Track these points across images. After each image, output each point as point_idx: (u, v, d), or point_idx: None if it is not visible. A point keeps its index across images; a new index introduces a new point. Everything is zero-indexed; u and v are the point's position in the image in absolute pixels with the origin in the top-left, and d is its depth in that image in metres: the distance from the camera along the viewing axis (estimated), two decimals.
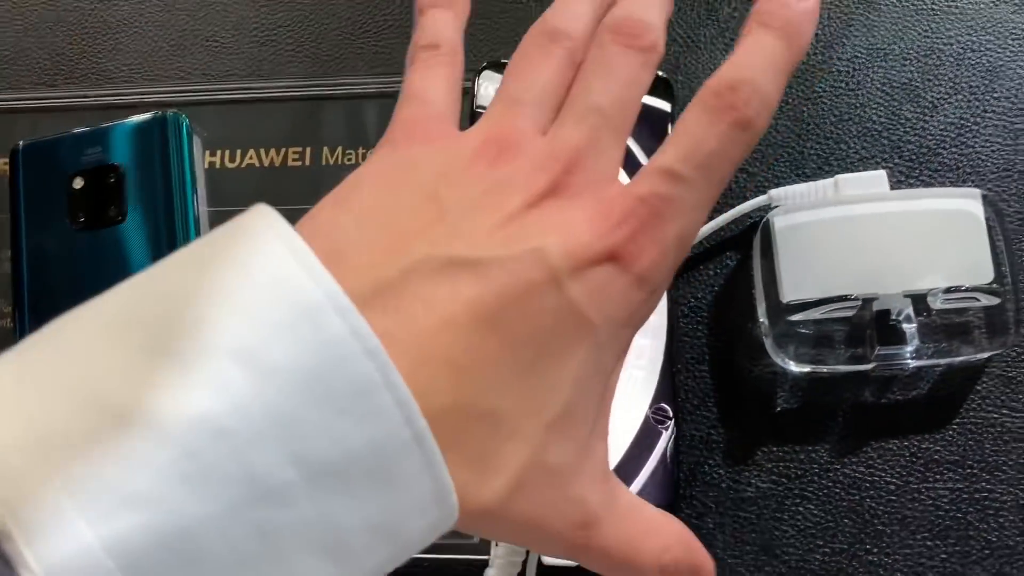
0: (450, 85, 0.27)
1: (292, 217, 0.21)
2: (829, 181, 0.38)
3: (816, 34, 0.41)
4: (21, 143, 0.41)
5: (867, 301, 0.36)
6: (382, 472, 0.19)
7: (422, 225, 0.23)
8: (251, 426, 0.18)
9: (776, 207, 0.38)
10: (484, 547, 0.36)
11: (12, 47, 0.45)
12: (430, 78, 0.27)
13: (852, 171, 0.39)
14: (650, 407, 0.36)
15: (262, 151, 0.42)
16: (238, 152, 0.42)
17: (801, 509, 0.37)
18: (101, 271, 0.39)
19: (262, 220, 0.20)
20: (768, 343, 0.38)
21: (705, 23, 0.42)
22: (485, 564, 0.35)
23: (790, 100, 0.41)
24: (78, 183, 0.40)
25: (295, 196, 0.40)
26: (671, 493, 0.36)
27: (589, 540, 0.24)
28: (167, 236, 0.39)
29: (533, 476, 0.22)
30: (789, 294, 0.37)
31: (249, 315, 0.19)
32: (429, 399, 0.20)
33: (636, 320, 0.24)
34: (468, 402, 0.21)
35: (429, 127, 0.25)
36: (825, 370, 0.37)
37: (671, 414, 0.36)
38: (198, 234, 0.40)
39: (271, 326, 0.19)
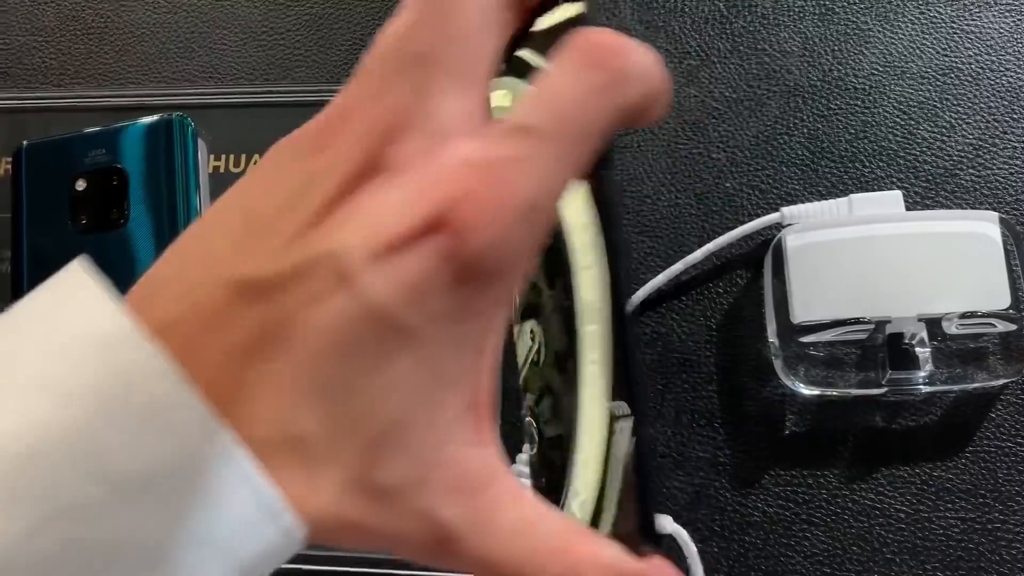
0: None
1: None
2: (843, 200, 0.38)
3: (832, 50, 0.41)
4: (24, 143, 0.41)
5: (880, 324, 0.36)
6: (197, 488, 0.19)
7: (228, 245, 0.21)
8: (54, 447, 0.19)
9: (789, 225, 0.38)
10: None
11: (20, 47, 0.45)
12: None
13: (867, 191, 0.38)
14: None
15: None
16: (243, 156, 0.42)
17: (808, 535, 0.36)
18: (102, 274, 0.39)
19: (71, 275, 0.21)
20: (777, 364, 0.37)
21: (719, 37, 0.41)
22: None
23: (804, 117, 0.40)
24: (80, 185, 0.40)
25: None
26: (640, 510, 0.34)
27: (454, 555, 0.21)
28: (170, 240, 0.39)
29: (360, 497, 0.21)
30: (800, 315, 0.36)
31: (51, 350, 0.20)
32: (239, 421, 0.20)
33: (479, 312, 0.20)
34: (275, 427, 0.20)
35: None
36: (835, 393, 0.37)
37: (629, 413, 0.35)
38: None
39: (72, 358, 0.19)
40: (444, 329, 0.20)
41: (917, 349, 0.36)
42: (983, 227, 0.36)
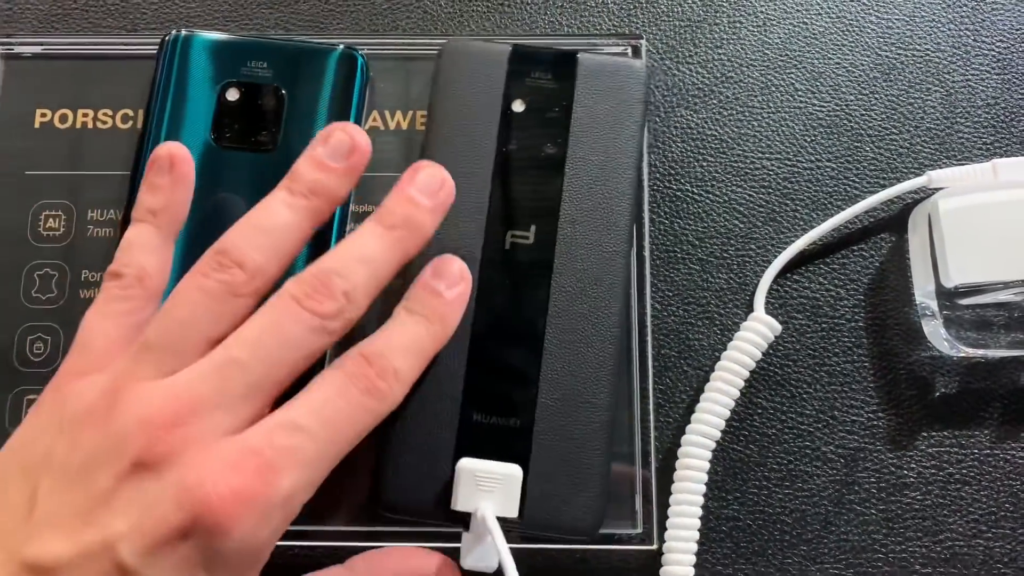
0: (126, 329, 0.27)
1: None
2: (987, 165, 0.38)
3: (968, 16, 0.41)
4: (177, 32, 0.37)
5: None
6: None
7: (12, 521, 0.23)
8: None
9: (936, 189, 0.38)
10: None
11: None
12: (107, 316, 0.27)
13: (1004, 156, 0.39)
14: None
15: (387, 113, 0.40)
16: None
17: (963, 494, 0.36)
18: (235, 200, 0.36)
19: None
20: (927, 327, 0.37)
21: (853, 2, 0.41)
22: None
23: (943, 84, 0.40)
24: (232, 95, 0.36)
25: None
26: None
27: None
28: None
29: None
30: (955, 278, 0.36)
31: None
32: None
33: None
34: None
35: (79, 389, 0.25)
36: (985, 355, 0.37)
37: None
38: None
39: None
40: None
41: None
42: None
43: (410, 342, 0.29)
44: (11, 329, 0.37)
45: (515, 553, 0.29)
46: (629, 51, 0.39)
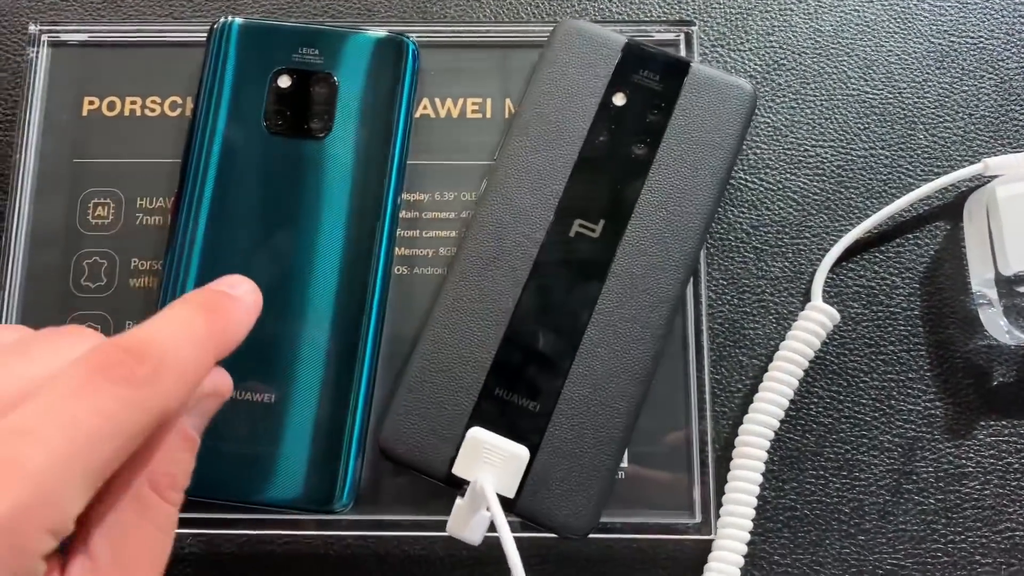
0: None
1: None
2: None
3: (1021, 2, 0.40)
4: (228, 19, 0.37)
5: None
6: None
7: None
8: None
9: (994, 176, 0.38)
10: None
11: None
12: None
13: None
14: None
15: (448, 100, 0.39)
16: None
17: (1023, 484, 0.36)
18: (286, 187, 0.36)
19: None
20: (984, 316, 0.37)
21: None
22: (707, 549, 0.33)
23: (997, 71, 0.40)
24: (284, 82, 0.36)
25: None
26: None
27: None
28: (370, 169, 0.36)
29: None
30: (1014, 266, 0.36)
31: None
32: None
33: None
34: None
35: None
36: None
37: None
38: (400, 179, 0.37)
39: None
40: None
41: None
42: None
43: (180, 327, 0.24)
44: (61, 318, 0.37)
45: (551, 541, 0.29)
46: (681, 38, 0.38)
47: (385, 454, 0.34)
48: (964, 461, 0.36)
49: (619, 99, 0.36)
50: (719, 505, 0.35)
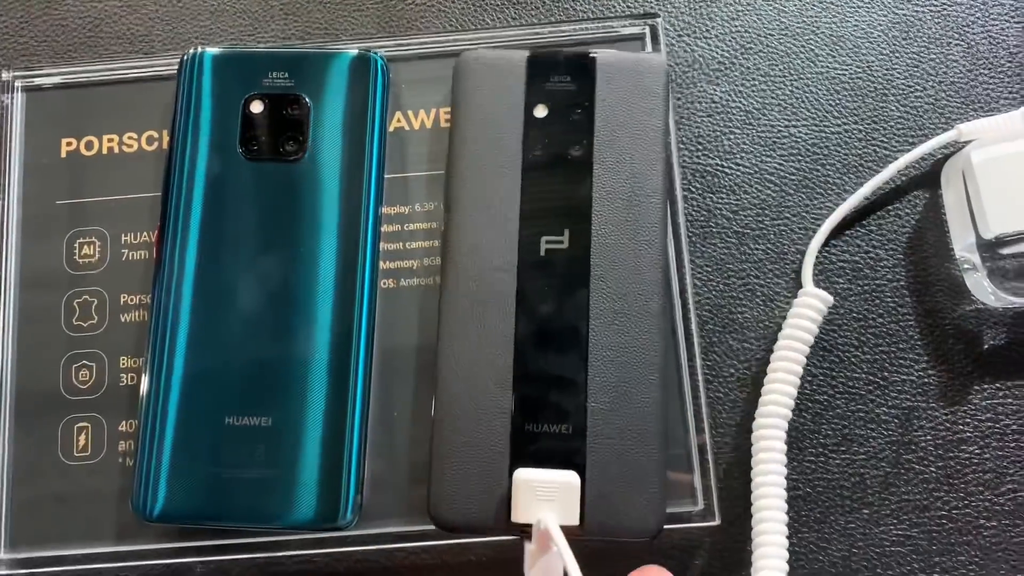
0: None
1: None
2: (1016, 113, 0.38)
3: None
4: (198, 50, 0.37)
5: None
6: None
7: None
8: None
9: (967, 142, 0.38)
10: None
11: (101, 13, 0.42)
12: None
13: None
14: None
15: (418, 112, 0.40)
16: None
17: (1022, 444, 0.36)
18: (266, 212, 0.36)
19: None
20: (970, 280, 0.37)
21: None
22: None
23: (964, 36, 0.40)
24: (256, 107, 0.37)
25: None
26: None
27: None
28: (348, 187, 0.36)
29: None
30: (995, 228, 0.36)
31: None
32: None
33: None
34: None
35: None
36: None
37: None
38: (379, 193, 0.37)
39: None
40: None
41: None
42: None
43: None
44: (56, 360, 0.37)
45: (577, 552, 0.29)
46: (647, 32, 0.39)
47: (441, 527, 0.33)
48: (961, 427, 0.37)
49: (540, 111, 0.36)
50: (721, 490, 0.35)
